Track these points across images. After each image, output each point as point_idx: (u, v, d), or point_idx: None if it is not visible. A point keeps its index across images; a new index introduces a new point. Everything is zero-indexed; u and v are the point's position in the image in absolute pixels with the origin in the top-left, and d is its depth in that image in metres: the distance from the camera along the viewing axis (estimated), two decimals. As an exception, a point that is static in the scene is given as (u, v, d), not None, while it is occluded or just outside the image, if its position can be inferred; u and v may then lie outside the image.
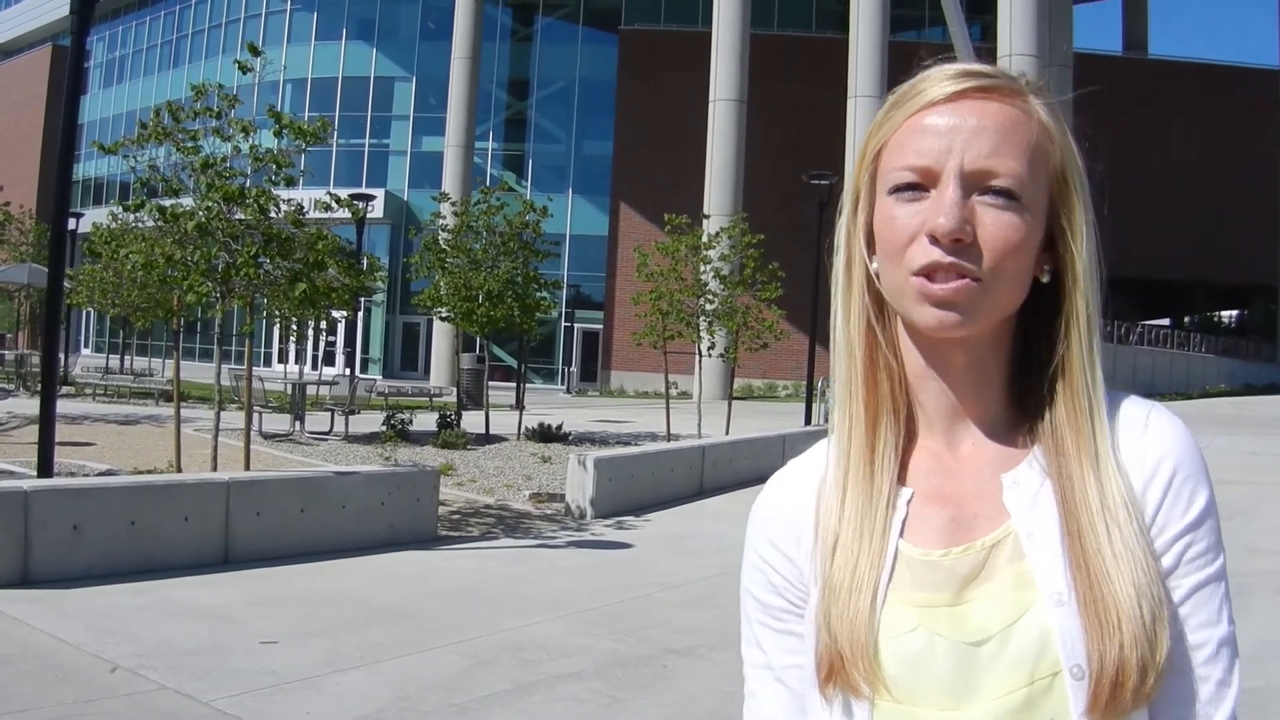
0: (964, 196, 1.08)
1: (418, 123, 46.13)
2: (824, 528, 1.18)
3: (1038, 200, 1.11)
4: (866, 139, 1.18)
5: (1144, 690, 1.03)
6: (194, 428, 16.79)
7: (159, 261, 10.93)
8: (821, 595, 1.16)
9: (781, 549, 1.24)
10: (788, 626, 1.23)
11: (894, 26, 34.34)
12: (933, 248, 1.08)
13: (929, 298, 1.08)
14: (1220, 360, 45.92)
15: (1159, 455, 1.11)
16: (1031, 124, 1.12)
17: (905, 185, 1.11)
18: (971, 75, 1.12)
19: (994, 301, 1.09)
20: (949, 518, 1.15)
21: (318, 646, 6.47)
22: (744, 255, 20.15)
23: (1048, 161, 1.13)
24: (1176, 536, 1.10)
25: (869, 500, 1.16)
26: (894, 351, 1.19)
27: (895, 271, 1.12)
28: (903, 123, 1.13)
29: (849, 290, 1.20)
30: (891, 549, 1.15)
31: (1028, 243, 1.10)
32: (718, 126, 34.32)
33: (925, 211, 1.09)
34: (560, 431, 19.54)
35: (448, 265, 19.27)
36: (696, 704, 5.75)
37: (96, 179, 53.26)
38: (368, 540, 9.56)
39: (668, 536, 10.94)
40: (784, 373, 38.36)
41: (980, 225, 1.08)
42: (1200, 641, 1.08)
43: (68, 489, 8.19)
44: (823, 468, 1.23)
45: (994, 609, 1.09)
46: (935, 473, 1.18)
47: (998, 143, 1.09)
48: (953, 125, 1.10)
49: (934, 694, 1.09)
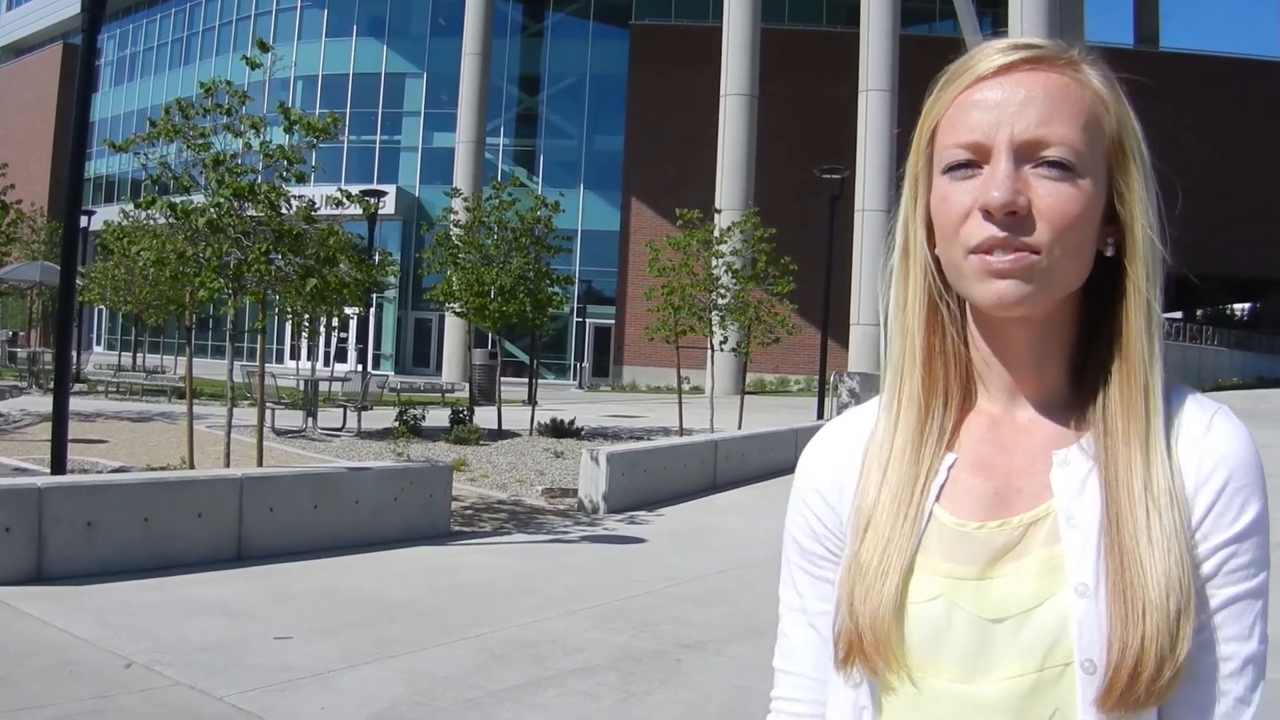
0: (1016, 169, 1.06)
1: (429, 119, 46.15)
2: (858, 508, 1.18)
3: (1096, 170, 1.09)
4: (920, 122, 1.17)
5: (1159, 685, 1.02)
6: (206, 424, 16.81)
7: (171, 258, 10.94)
8: (849, 570, 1.15)
9: (826, 497, 1.23)
10: (824, 574, 1.23)
11: (905, 20, 34.27)
12: (987, 223, 1.06)
13: (988, 272, 1.06)
14: (1233, 353, 45.83)
15: (1216, 460, 1.09)
16: (1085, 93, 1.10)
17: (959, 164, 1.09)
18: (1020, 47, 1.11)
19: (1055, 276, 1.07)
20: (992, 490, 1.14)
21: (331, 642, 6.47)
22: (756, 250, 20.10)
23: (1103, 130, 1.10)
24: (1220, 545, 1.07)
25: (910, 484, 1.15)
26: (955, 335, 1.18)
27: (952, 250, 1.10)
28: (953, 100, 1.12)
29: (906, 275, 1.19)
30: (926, 513, 1.14)
31: (1087, 214, 1.07)
32: (729, 121, 34.27)
33: (978, 187, 1.07)
34: (573, 426, 19.54)
35: (460, 260, 19.27)
36: (710, 699, 5.74)
37: (108, 177, 53.43)
38: (381, 536, 9.57)
39: (680, 531, 10.93)
40: (796, 367, 38.31)
41: (1036, 197, 1.06)
42: (1227, 655, 1.06)
43: (81, 486, 8.20)
44: (872, 425, 1.22)
45: (1018, 589, 1.08)
46: (986, 442, 1.17)
47: (1049, 112, 1.07)
48: (1002, 98, 1.08)
49: (947, 664, 1.09)
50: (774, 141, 36.31)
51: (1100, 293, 1.14)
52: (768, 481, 14.34)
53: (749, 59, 34.17)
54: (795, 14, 43.32)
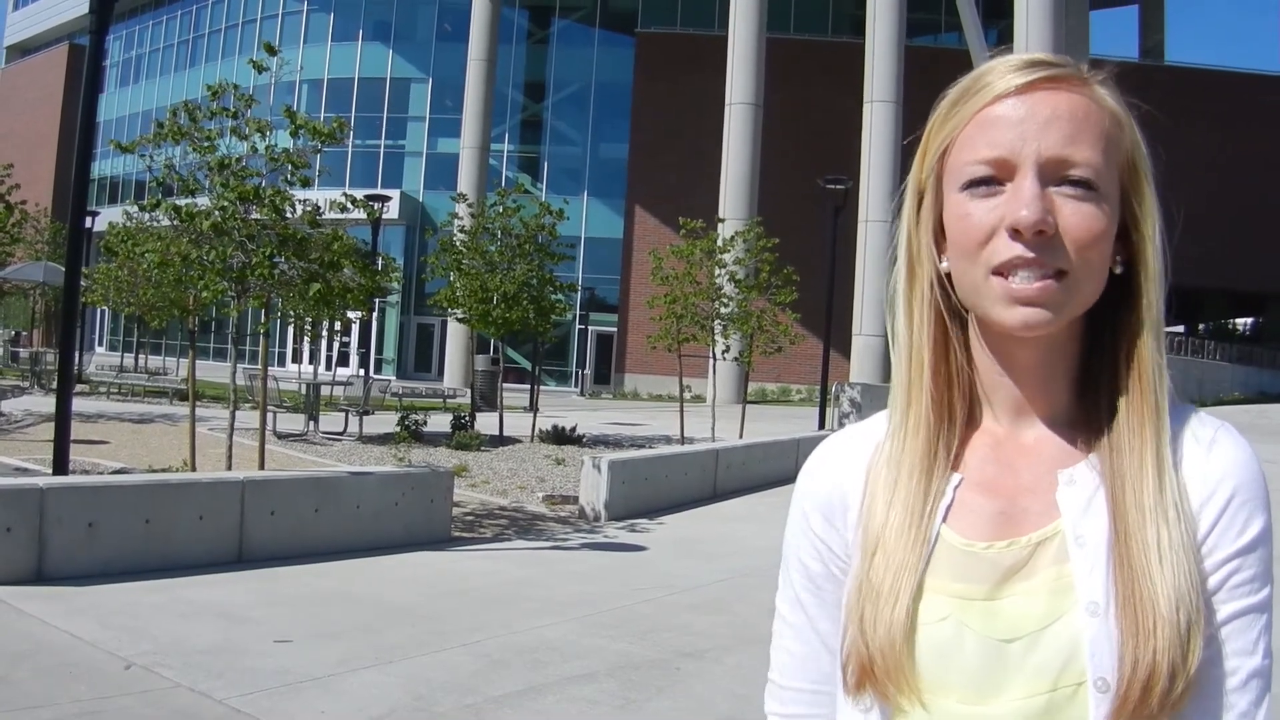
0: (1042, 188, 1.06)
1: (433, 124, 46.23)
2: (866, 529, 1.17)
3: (1112, 190, 1.09)
4: (928, 136, 1.16)
5: (1172, 698, 1.01)
6: (208, 427, 16.81)
7: (175, 260, 10.96)
8: (858, 592, 1.15)
9: (830, 519, 1.22)
10: (832, 594, 1.23)
11: (910, 31, 34.30)
12: (1014, 243, 1.05)
13: (1015, 298, 1.06)
14: (1235, 367, 45.70)
15: (1220, 475, 1.09)
16: (1102, 113, 1.10)
17: (979, 180, 1.09)
18: (1038, 65, 1.10)
19: (1078, 297, 1.07)
20: (998, 510, 1.13)
21: (331, 646, 6.47)
22: (759, 259, 20.12)
23: (1119, 150, 1.11)
24: (1225, 560, 1.07)
25: (919, 507, 1.14)
26: (961, 351, 1.17)
27: (972, 270, 1.09)
28: (971, 116, 1.11)
29: (912, 292, 1.18)
30: (934, 534, 1.13)
31: (1108, 233, 1.08)
32: (733, 130, 34.29)
33: (1003, 205, 1.07)
34: (574, 434, 19.54)
35: (464, 266, 19.30)
36: (710, 707, 5.73)
37: (112, 178, 53.50)
38: (382, 541, 9.56)
39: (681, 539, 10.93)
40: (798, 376, 38.32)
41: (1061, 217, 1.05)
42: (1231, 669, 1.05)
43: (83, 487, 8.20)
44: (877, 440, 1.21)
45: (1029, 609, 1.08)
46: (991, 461, 1.16)
47: (1073, 132, 1.07)
48: (1025, 115, 1.08)
49: (957, 686, 1.08)
50: (778, 151, 36.32)
51: (1104, 309, 1.13)
52: (769, 491, 14.34)
53: (754, 68, 34.20)
54: (800, 24, 43.41)
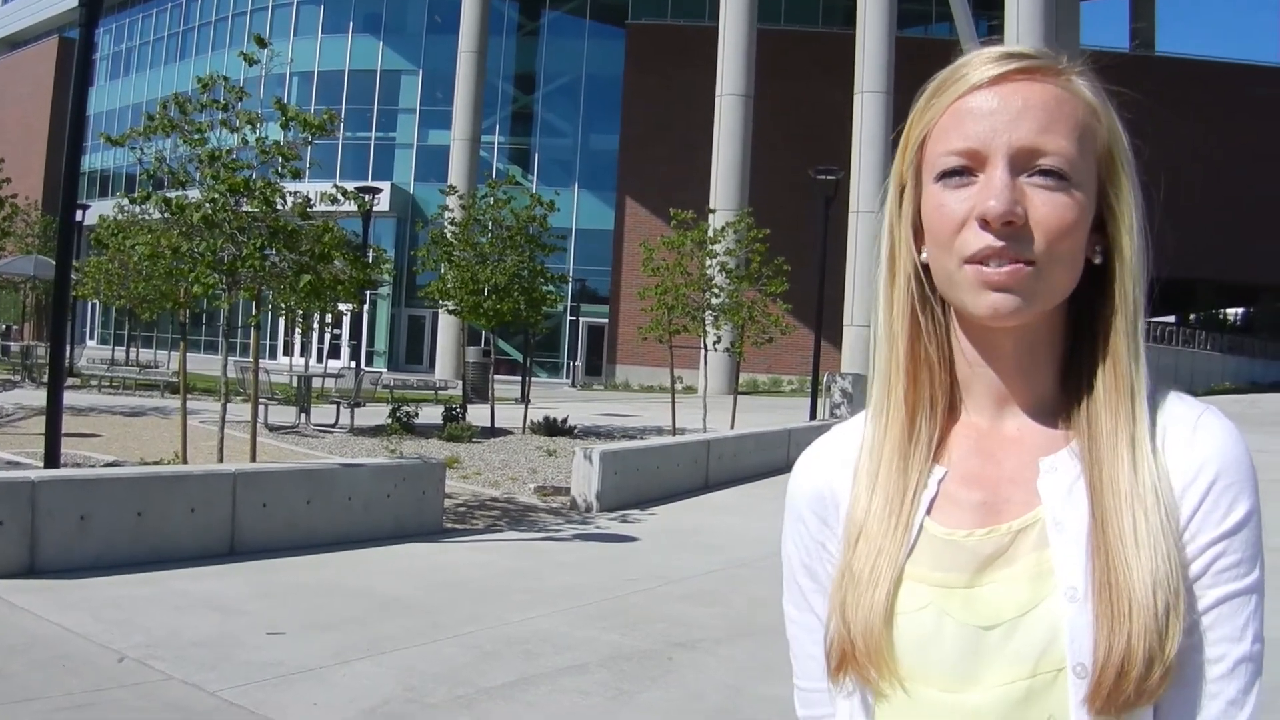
0: (1013, 178, 1.06)
1: (424, 116, 46.09)
2: (850, 517, 1.18)
3: (1087, 180, 1.09)
4: (908, 128, 1.17)
5: (1148, 684, 1.00)
6: (200, 419, 16.80)
7: (165, 253, 10.94)
8: (841, 579, 1.15)
9: (824, 518, 1.23)
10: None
11: (901, 22, 34.25)
12: (984, 233, 1.06)
13: (984, 284, 1.06)
14: (1226, 358, 45.84)
15: (1203, 458, 1.08)
16: (1077, 103, 1.11)
17: (952, 170, 1.10)
18: (1014, 57, 1.11)
19: (1049, 286, 1.07)
20: (980, 501, 1.14)
21: (324, 638, 6.48)
22: (750, 250, 20.11)
23: (1095, 140, 1.11)
24: (1208, 544, 1.06)
25: (899, 494, 1.15)
26: (939, 342, 1.18)
27: (946, 259, 1.10)
28: (946, 108, 1.12)
29: (892, 282, 1.19)
30: (916, 526, 1.14)
31: (1080, 223, 1.08)
32: (724, 121, 34.25)
33: (974, 196, 1.08)
34: (565, 425, 19.55)
35: (455, 258, 19.28)
36: (701, 697, 5.75)
37: (102, 171, 53.29)
38: (373, 532, 9.57)
39: (673, 530, 10.95)
40: (789, 367, 38.31)
41: (1031, 207, 1.06)
42: (1217, 656, 1.04)
43: (75, 480, 8.20)
44: (862, 438, 1.22)
45: (1009, 596, 1.08)
46: (974, 454, 1.17)
47: (1045, 122, 1.08)
48: (997, 106, 1.08)
49: (937, 674, 1.09)
50: (769, 142, 36.29)
51: (1084, 298, 1.14)
52: (760, 481, 14.36)
53: (744, 59, 34.16)
54: (791, 15, 43.33)
